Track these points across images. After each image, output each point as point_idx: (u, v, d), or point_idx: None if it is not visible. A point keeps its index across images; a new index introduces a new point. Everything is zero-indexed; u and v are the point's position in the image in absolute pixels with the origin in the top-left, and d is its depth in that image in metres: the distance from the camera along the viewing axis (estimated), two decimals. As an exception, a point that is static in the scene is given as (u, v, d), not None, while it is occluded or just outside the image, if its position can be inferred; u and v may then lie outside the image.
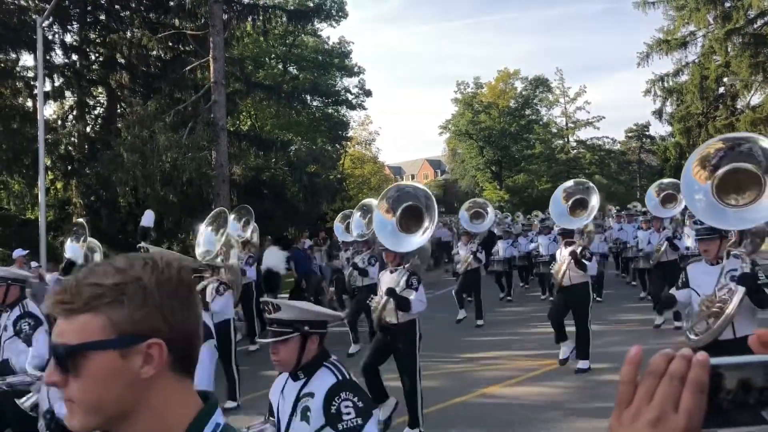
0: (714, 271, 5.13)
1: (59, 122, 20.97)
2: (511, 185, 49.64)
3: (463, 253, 13.33)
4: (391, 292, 6.52)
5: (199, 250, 8.22)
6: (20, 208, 20.08)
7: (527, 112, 50.82)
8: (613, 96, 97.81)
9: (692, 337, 5.05)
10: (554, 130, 51.76)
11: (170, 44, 21.36)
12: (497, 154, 50.50)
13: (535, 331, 11.20)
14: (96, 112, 22.25)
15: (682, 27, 32.32)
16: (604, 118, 50.37)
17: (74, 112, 21.29)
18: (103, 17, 21.19)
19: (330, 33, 54.42)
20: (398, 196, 7.02)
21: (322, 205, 26.68)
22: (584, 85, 64.37)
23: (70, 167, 20.07)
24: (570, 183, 9.68)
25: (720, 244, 5.19)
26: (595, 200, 9.17)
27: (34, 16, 15.98)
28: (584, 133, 50.83)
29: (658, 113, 34.57)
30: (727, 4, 30.66)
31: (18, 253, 11.13)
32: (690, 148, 32.37)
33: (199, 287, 7.72)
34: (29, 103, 19.35)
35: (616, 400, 0.73)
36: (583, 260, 8.63)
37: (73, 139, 20.66)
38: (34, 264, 11.26)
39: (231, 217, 12.74)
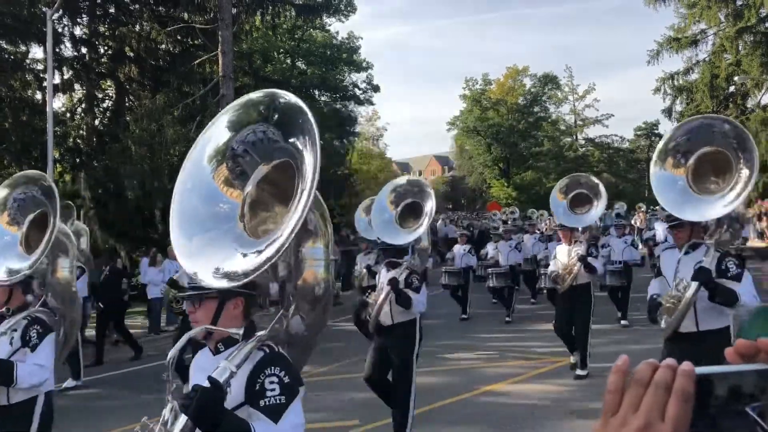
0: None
1: (68, 115, 21.02)
2: (519, 182, 49.51)
3: (359, 265, 11.09)
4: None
5: None
6: (29, 200, 20.19)
7: (536, 109, 50.67)
8: (623, 94, 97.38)
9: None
10: (563, 128, 51.63)
11: (179, 38, 21.38)
12: (505, 151, 50.38)
13: (542, 329, 11.17)
14: (105, 104, 22.29)
15: (693, 25, 32.11)
16: (613, 116, 50.26)
17: (83, 105, 21.33)
18: (112, 10, 21.22)
19: (338, 28, 54.31)
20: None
21: (329, 200, 26.71)
22: (593, 83, 64.25)
23: (78, 160, 20.12)
24: (402, 180, 7.36)
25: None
26: (429, 207, 6.60)
27: (44, 9, 15.96)
28: (593, 131, 50.73)
29: (668, 111, 34.37)
30: (739, 3, 30.44)
31: None
32: (699, 147, 32.20)
33: None
34: (38, 96, 19.41)
35: (602, 408, 0.75)
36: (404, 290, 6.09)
37: (81, 131, 20.72)
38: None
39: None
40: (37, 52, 19.50)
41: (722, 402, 0.69)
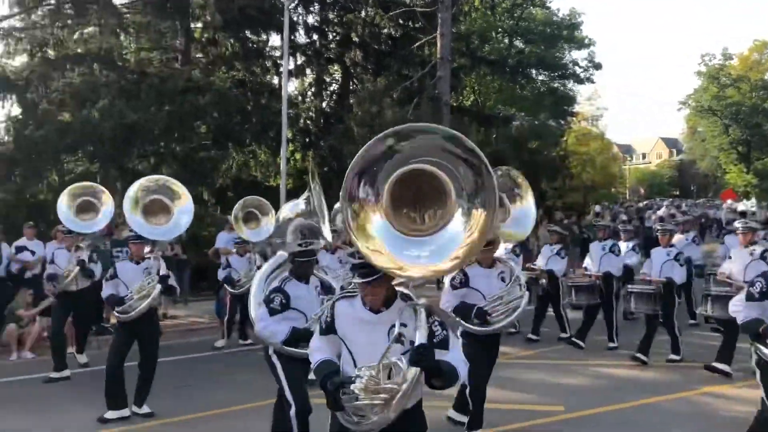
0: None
1: (300, 98, 22.85)
2: (761, 169, 44.33)
3: None
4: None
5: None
6: (265, 176, 22.29)
7: (786, 85, 44.83)
8: None
9: None
10: (822, 107, 45.07)
11: (401, 22, 22.10)
12: (746, 133, 45.40)
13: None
14: (331, 88, 23.85)
15: None
16: None
17: (313, 89, 23.04)
18: (341, -2, 22.52)
19: (560, 5, 52.39)
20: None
21: (541, 182, 26.07)
22: None
23: (307, 140, 21.82)
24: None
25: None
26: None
27: (282, 0, 17.46)
28: None
29: None
30: None
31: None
32: None
33: None
34: (275, 80, 21.35)
35: None
36: None
37: (311, 113, 22.40)
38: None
39: None
40: (275, 40, 21.40)
41: None
